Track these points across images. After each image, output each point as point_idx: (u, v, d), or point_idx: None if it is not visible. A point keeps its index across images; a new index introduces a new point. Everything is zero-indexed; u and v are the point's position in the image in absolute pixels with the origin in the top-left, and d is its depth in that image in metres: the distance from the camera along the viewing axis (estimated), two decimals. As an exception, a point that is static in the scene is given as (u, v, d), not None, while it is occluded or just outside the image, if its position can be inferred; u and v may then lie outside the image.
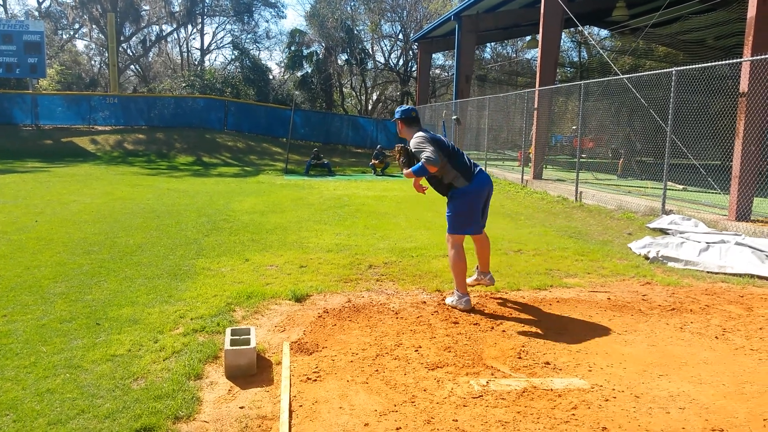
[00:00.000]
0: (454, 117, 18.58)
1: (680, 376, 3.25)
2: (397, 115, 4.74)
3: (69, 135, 24.64)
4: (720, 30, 15.39)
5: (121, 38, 35.29)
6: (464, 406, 2.86)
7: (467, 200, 4.54)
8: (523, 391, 3.01)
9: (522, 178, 14.27)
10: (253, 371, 3.27)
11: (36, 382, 3.13)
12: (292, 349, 3.58)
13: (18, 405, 2.89)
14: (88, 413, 2.82)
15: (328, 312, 4.33)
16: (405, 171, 4.67)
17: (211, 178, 16.64)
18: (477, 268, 4.83)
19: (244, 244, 6.83)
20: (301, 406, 2.85)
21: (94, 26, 35.98)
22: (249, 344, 3.35)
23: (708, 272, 5.88)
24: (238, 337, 3.44)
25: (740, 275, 5.70)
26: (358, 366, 3.33)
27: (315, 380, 3.14)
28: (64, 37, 39.16)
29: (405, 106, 4.83)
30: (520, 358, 3.46)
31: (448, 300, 4.58)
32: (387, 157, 19.19)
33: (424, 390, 3.03)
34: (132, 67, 41.27)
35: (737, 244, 6.39)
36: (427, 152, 4.35)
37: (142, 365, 3.35)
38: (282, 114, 26.72)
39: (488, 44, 33.06)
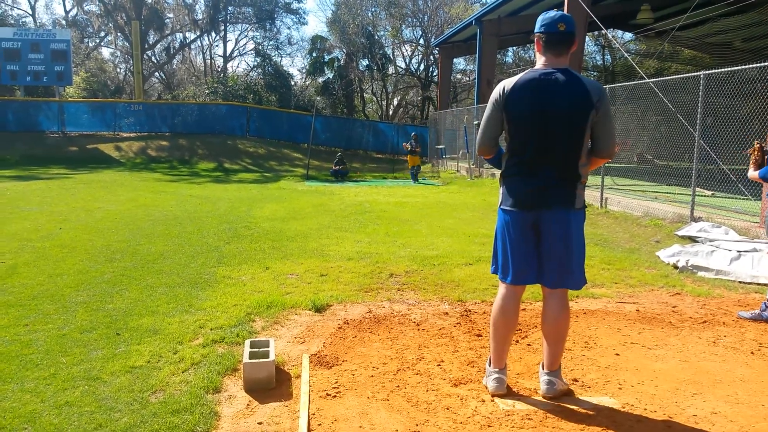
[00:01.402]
0: (476, 122, 18.45)
1: (715, 395, 3.11)
2: None
3: (94, 142, 25.02)
4: (749, 32, 15.06)
5: (146, 46, 35.82)
6: (489, 426, 2.75)
7: (499, 225, 3.13)
8: (551, 411, 2.90)
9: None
10: (272, 385, 3.21)
11: (55, 395, 3.10)
12: (311, 362, 3.52)
13: (36, 418, 2.86)
14: (105, 428, 2.78)
15: (348, 323, 4.26)
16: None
17: (232, 184, 16.72)
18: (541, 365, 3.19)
19: (264, 251, 6.81)
20: (320, 424, 2.78)
21: (119, 34, 36.61)
22: (268, 357, 3.29)
23: (740, 282, 5.69)
24: (257, 350, 3.38)
25: (774, 286, 5.50)
26: (378, 381, 3.25)
27: (335, 396, 3.06)
28: (90, 45, 39.86)
29: None
30: (546, 373, 3.34)
31: None
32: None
33: (447, 408, 2.93)
34: (156, 74, 41.85)
35: (770, 253, 6.19)
36: None
37: (160, 377, 3.31)
38: (303, 120, 26.83)
39: (510, 48, 32.87)
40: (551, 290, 3.02)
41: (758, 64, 8.04)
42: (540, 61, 2.98)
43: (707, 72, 8.59)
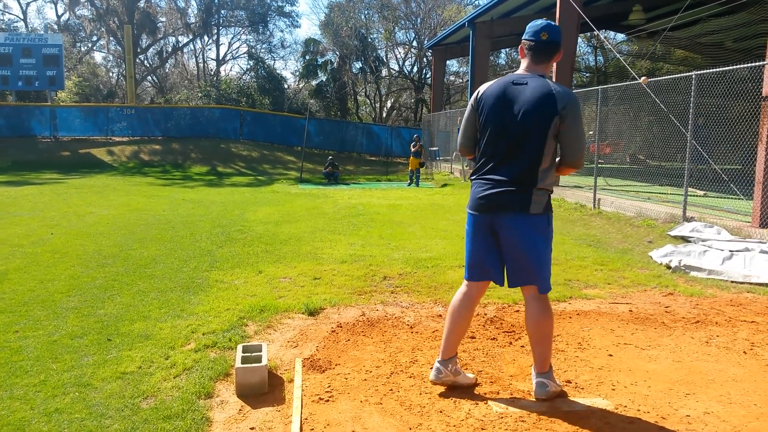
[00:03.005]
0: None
1: (708, 395, 3.11)
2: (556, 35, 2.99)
3: (86, 146, 24.92)
4: (740, 32, 15.14)
5: (138, 50, 35.70)
6: (482, 429, 2.74)
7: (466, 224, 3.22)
8: (544, 413, 2.89)
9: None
10: (264, 389, 3.19)
11: (45, 402, 3.07)
12: (304, 366, 3.50)
13: (25, 426, 2.83)
14: (95, 435, 2.76)
15: (341, 326, 4.24)
16: None
17: (225, 187, 16.68)
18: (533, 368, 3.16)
19: (257, 255, 6.78)
20: (312, 429, 2.76)
21: (111, 38, 36.51)
22: (261, 361, 3.27)
23: (732, 282, 5.70)
24: (249, 354, 3.36)
25: (766, 285, 5.52)
26: (372, 385, 3.24)
27: (327, 401, 3.05)
28: (82, 49, 39.74)
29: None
30: (539, 375, 3.34)
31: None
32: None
33: (441, 411, 2.92)
34: (149, 78, 41.74)
35: (762, 252, 6.21)
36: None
37: (152, 383, 3.29)
38: (296, 123, 26.82)
39: (503, 50, 32.93)
40: (529, 294, 3.04)
41: (749, 64, 8.08)
42: (521, 66, 3.03)
43: (699, 72, 8.62)
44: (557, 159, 3.01)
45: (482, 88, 3.05)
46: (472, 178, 3.09)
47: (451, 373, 3.14)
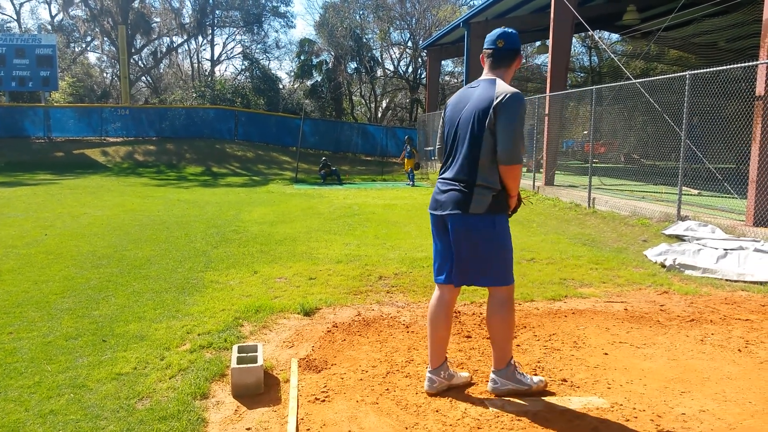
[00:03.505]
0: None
1: (703, 393, 3.12)
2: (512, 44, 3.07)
3: (80, 147, 24.82)
4: (734, 32, 15.20)
5: (132, 50, 35.60)
6: (478, 428, 2.74)
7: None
8: (540, 412, 2.90)
9: (533, 185, 14.13)
10: (260, 390, 3.18)
11: (39, 403, 3.06)
12: (300, 366, 3.49)
13: (20, 428, 2.82)
14: (90, 436, 2.75)
15: (337, 326, 4.24)
16: None
17: (220, 188, 16.64)
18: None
19: (253, 255, 6.77)
20: (308, 429, 2.75)
21: (105, 39, 36.37)
22: (256, 362, 3.26)
23: (727, 280, 5.73)
24: (245, 354, 3.35)
25: (761, 283, 5.54)
26: (368, 385, 3.23)
27: (323, 401, 3.04)
28: (76, 50, 39.59)
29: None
30: (535, 374, 3.34)
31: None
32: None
33: (437, 411, 2.92)
34: (143, 78, 41.63)
35: (756, 250, 6.24)
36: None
37: (147, 384, 3.28)
38: (291, 123, 26.78)
39: (497, 50, 32.92)
40: (489, 290, 3.10)
41: (742, 64, 8.12)
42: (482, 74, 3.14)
43: (693, 72, 8.65)
44: None
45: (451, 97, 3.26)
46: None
47: (445, 379, 3.14)
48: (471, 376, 3.28)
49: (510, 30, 3.09)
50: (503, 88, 2.92)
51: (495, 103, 2.87)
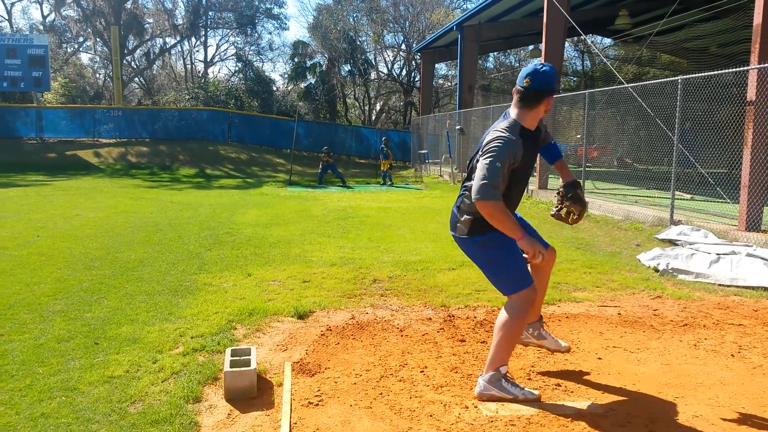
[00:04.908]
0: (458, 127, 18.53)
1: (697, 398, 3.13)
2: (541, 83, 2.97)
3: (73, 148, 24.68)
4: (725, 38, 15.31)
5: (125, 51, 35.46)
6: (473, 432, 2.74)
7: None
8: (535, 416, 2.90)
9: (527, 189, 14.17)
10: (253, 393, 3.17)
11: (30, 406, 3.03)
12: (293, 369, 3.48)
13: (11, 431, 2.79)
14: (82, 440, 2.72)
15: (331, 330, 4.23)
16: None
17: (213, 190, 16.59)
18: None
19: (246, 258, 6.75)
20: (302, 433, 2.74)
21: (98, 39, 36.17)
22: (249, 365, 3.24)
23: (719, 285, 5.75)
24: (238, 358, 3.34)
25: (753, 288, 5.57)
26: (361, 389, 3.23)
27: (317, 405, 3.03)
28: (69, 50, 39.38)
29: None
30: (529, 379, 3.35)
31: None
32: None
33: (431, 415, 2.91)
34: (136, 79, 41.45)
35: (748, 255, 6.27)
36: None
37: (139, 387, 3.26)
38: (285, 125, 26.73)
39: (491, 54, 33.08)
40: None
41: (734, 69, 8.17)
42: None
43: (684, 77, 8.70)
44: None
45: None
46: None
47: (533, 337, 3.63)
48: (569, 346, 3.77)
49: (543, 68, 2.96)
50: (501, 126, 2.99)
51: (487, 138, 2.97)
